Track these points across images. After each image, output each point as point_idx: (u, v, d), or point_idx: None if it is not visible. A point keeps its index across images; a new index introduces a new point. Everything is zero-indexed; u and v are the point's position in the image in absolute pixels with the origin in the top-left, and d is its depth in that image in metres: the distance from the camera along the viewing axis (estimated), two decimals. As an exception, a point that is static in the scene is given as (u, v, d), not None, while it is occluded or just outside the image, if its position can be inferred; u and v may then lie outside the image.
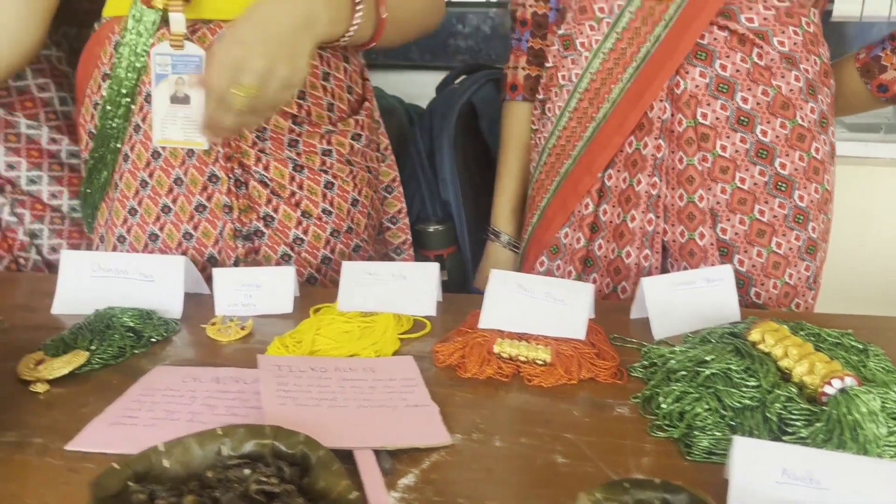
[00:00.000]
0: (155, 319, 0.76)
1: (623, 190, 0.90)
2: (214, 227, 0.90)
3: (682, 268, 0.89)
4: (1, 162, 0.98)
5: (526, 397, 0.64)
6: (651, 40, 0.86)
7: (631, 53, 0.87)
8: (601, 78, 0.90)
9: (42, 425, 0.61)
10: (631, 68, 0.87)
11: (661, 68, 0.85)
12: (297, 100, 0.89)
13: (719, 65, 0.85)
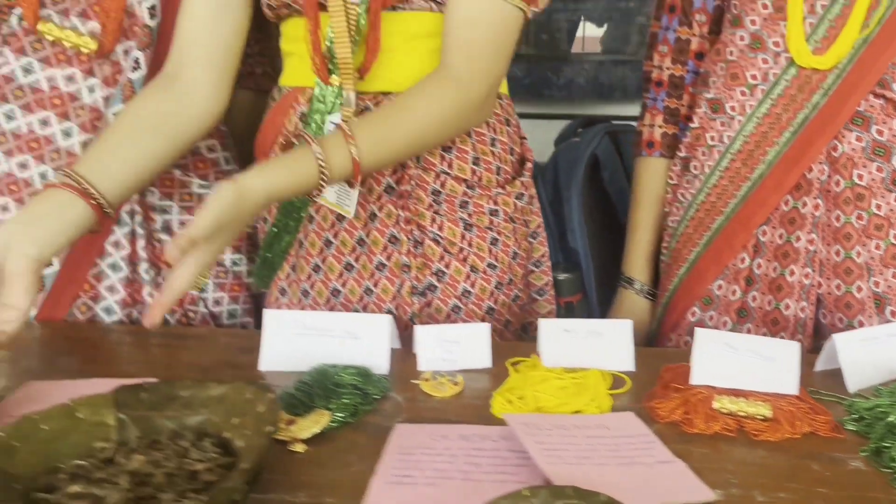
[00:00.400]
0: (373, 377, 0.81)
1: (780, 245, 0.96)
2: (393, 284, 0.95)
3: (836, 320, 0.95)
4: (175, 220, 1.03)
5: (760, 452, 0.69)
6: (808, 107, 0.92)
7: (787, 119, 0.94)
8: (755, 140, 0.96)
9: (313, 483, 0.65)
10: (787, 133, 0.94)
11: (821, 134, 0.91)
12: (472, 165, 0.95)
13: (875, 130, 0.92)
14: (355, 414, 0.75)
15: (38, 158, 0.97)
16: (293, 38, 0.95)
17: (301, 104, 0.95)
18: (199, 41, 0.92)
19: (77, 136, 0.96)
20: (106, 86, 0.96)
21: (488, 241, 0.97)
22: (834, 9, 0.91)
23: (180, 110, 0.91)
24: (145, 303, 1.02)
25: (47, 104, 0.96)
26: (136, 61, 0.96)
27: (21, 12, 0.93)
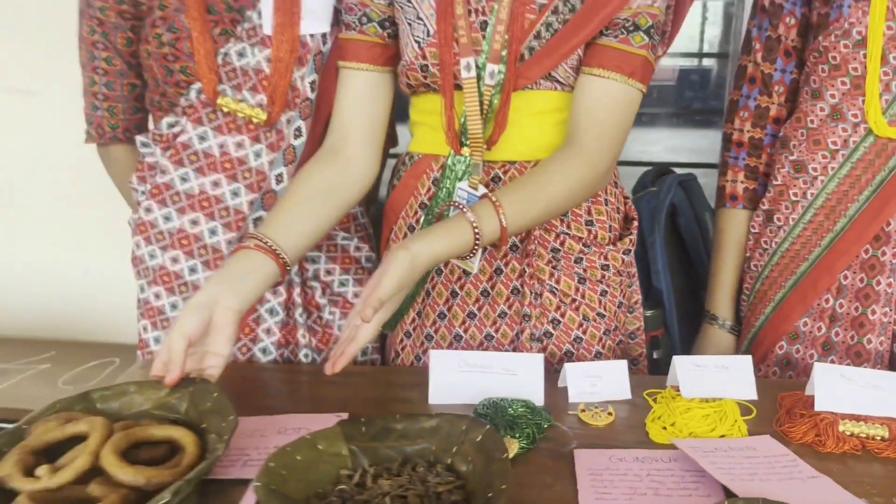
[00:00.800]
0: (537, 408, 0.93)
1: (860, 288, 1.11)
2: (512, 331, 1.08)
3: (913, 351, 1.10)
4: (322, 268, 1.15)
5: (887, 467, 0.83)
6: (885, 170, 1.08)
7: (866, 180, 1.09)
8: (836, 198, 1.11)
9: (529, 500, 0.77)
10: (867, 191, 1.09)
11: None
12: (587, 226, 1.07)
13: None
14: (534, 441, 0.88)
15: (209, 216, 1.08)
16: (425, 111, 1.08)
17: (434, 170, 1.07)
18: (356, 121, 1.04)
19: (244, 196, 1.08)
20: (271, 151, 1.08)
21: (598, 292, 1.10)
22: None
23: (344, 181, 1.03)
24: (299, 343, 1.13)
25: (218, 167, 1.07)
26: (298, 129, 1.08)
27: (200, 87, 1.05)
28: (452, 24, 0.99)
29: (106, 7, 1.05)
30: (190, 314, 0.84)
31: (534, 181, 0.97)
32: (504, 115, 1.02)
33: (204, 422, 0.85)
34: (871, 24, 1.07)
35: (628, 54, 0.98)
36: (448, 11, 0.99)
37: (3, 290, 2.02)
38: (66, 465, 0.76)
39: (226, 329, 0.85)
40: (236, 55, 1.05)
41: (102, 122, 1.14)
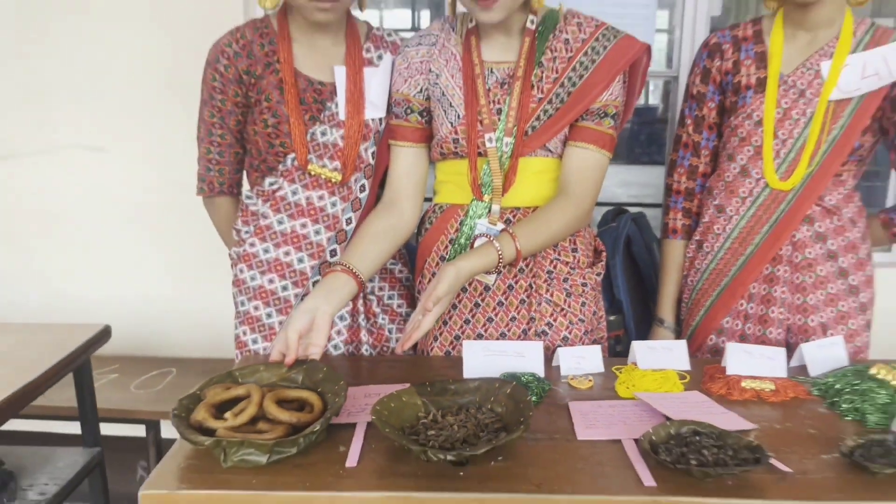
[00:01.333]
0: (541, 378, 1.34)
1: (764, 295, 1.55)
2: (519, 330, 1.48)
3: (800, 340, 1.54)
4: (377, 286, 1.55)
5: (771, 408, 1.26)
6: (778, 212, 1.53)
7: (766, 218, 1.54)
8: (746, 231, 1.56)
9: (546, 429, 1.18)
10: (766, 226, 1.53)
11: (786, 228, 1.52)
12: (573, 253, 1.49)
13: (817, 225, 1.52)
14: (541, 398, 1.29)
15: (298, 248, 1.49)
16: (451, 172, 1.48)
17: (459, 215, 1.48)
18: (405, 183, 1.46)
19: (323, 234, 1.49)
20: (343, 201, 1.49)
21: (580, 304, 1.52)
22: (791, 154, 1.52)
23: (398, 225, 1.44)
24: (361, 341, 1.53)
25: (305, 213, 1.48)
26: (363, 186, 1.50)
27: (294, 156, 1.46)
28: (477, 111, 1.42)
29: (226, 99, 1.46)
30: (299, 316, 1.24)
31: (540, 219, 1.39)
32: (513, 174, 1.44)
33: (319, 387, 1.25)
34: (766, 110, 1.52)
35: (601, 133, 1.43)
36: (473, 102, 1.42)
37: (69, 314, 2.37)
38: (241, 412, 1.15)
39: (324, 327, 1.25)
40: (320, 134, 1.47)
41: (213, 181, 1.53)
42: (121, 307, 2.31)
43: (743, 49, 1.57)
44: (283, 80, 1.44)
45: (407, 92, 1.46)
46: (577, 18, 1.44)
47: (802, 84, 1.50)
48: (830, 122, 1.49)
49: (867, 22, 1.52)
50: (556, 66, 1.41)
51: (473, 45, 1.43)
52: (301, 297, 1.49)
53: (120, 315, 2.31)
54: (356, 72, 1.48)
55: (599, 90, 1.40)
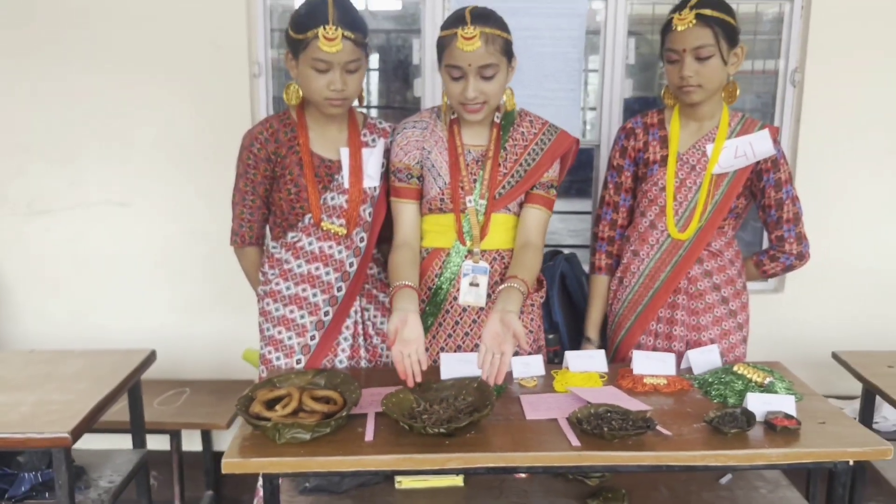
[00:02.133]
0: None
1: (669, 318, 2.04)
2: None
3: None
4: (372, 315, 1.99)
5: (664, 397, 1.75)
6: (677, 256, 2.01)
7: (669, 260, 2.02)
8: (655, 269, 2.03)
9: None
10: (669, 266, 2.02)
11: (683, 268, 2.01)
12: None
13: (706, 264, 2.02)
14: (500, 393, 1.75)
15: (313, 286, 1.93)
16: (436, 223, 1.93)
17: (442, 257, 1.95)
18: (412, 230, 1.92)
19: (332, 275, 1.93)
20: (347, 250, 1.94)
21: (530, 319, 2.00)
22: (686, 213, 2.01)
23: (416, 258, 1.90)
24: (361, 358, 1.97)
25: (319, 259, 1.92)
26: (362, 238, 1.95)
27: (311, 216, 1.90)
28: (459, 179, 1.89)
29: (257, 173, 1.90)
30: (395, 317, 1.67)
31: (525, 262, 1.85)
32: (487, 226, 1.91)
33: (339, 388, 1.68)
34: (668, 180, 2.01)
35: (548, 198, 1.94)
36: (457, 173, 1.89)
37: (99, 342, 2.73)
38: (287, 405, 1.57)
39: (415, 321, 1.68)
40: (330, 199, 1.92)
41: (244, 234, 1.96)
42: (142, 337, 2.66)
43: (650, 133, 2.07)
44: (302, 159, 1.90)
45: (408, 162, 1.92)
46: (528, 117, 1.96)
47: (693, 161, 2.01)
48: (714, 189, 1.99)
49: (739, 114, 2.05)
50: (516, 151, 1.92)
51: (456, 131, 1.92)
52: (314, 323, 1.93)
53: (140, 343, 2.67)
54: (357, 151, 1.94)
55: (545, 169, 1.92)
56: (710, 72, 1.89)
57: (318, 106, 1.85)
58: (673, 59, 1.92)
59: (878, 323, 2.68)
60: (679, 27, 1.87)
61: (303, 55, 1.80)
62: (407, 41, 3.24)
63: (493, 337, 1.66)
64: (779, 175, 1.97)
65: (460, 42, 1.75)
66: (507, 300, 1.72)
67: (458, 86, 1.80)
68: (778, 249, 2.03)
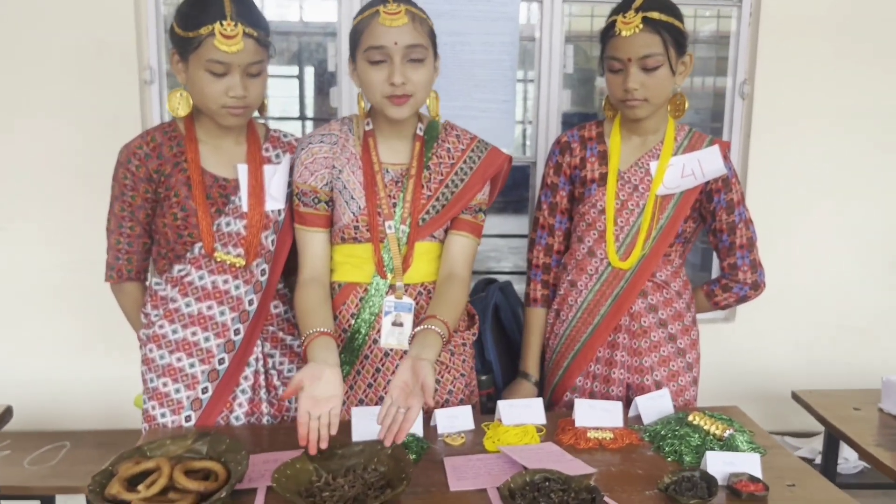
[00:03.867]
0: (420, 437, 1.51)
1: (608, 358, 1.79)
2: None
3: (637, 396, 1.78)
4: (278, 361, 1.68)
5: (611, 453, 1.49)
6: (618, 288, 1.76)
7: (609, 293, 1.77)
8: (594, 303, 1.78)
9: (422, 482, 1.35)
10: (609, 300, 1.77)
11: (625, 302, 1.76)
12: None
13: (650, 298, 1.77)
14: (419, 456, 1.46)
15: (204, 328, 1.60)
16: (350, 255, 1.63)
17: (359, 293, 1.64)
18: (321, 263, 1.61)
19: (228, 315, 1.61)
20: (245, 284, 1.62)
21: (461, 360, 1.72)
22: (628, 239, 1.76)
23: (327, 296, 1.60)
24: (262, 412, 1.65)
25: (212, 296, 1.60)
26: (263, 270, 1.64)
27: (201, 245, 1.58)
28: (377, 203, 1.60)
29: (136, 195, 1.58)
30: (310, 372, 1.37)
31: (449, 299, 1.56)
32: (410, 256, 1.62)
33: (223, 457, 1.36)
34: (607, 201, 1.76)
35: (476, 224, 1.66)
36: (373, 195, 1.59)
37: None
38: (153, 483, 1.25)
39: (333, 377, 1.39)
40: (224, 224, 1.60)
41: (122, 268, 1.63)
42: (14, 383, 2.30)
43: (588, 148, 1.82)
44: (191, 177, 1.58)
45: (315, 184, 1.61)
46: (455, 130, 1.68)
47: (636, 180, 1.76)
48: (658, 212, 1.75)
49: (686, 128, 1.81)
50: (442, 170, 1.64)
51: (371, 146, 1.62)
52: (206, 373, 1.61)
53: (13, 390, 2.30)
54: (257, 168, 1.63)
55: (475, 192, 1.64)
56: (658, 84, 1.65)
57: (213, 115, 1.55)
58: (616, 69, 1.67)
59: (833, 352, 2.50)
60: (624, 32, 1.62)
61: (194, 56, 1.49)
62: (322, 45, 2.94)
63: (401, 388, 1.37)
64: (731, 196, 1.74)
65: (383, 18, 1.49)
66: (422, 345, 1.43)
67: (380, 72, 1.52)
68: (731, 278, 1.79)
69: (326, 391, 1.36)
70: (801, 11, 2.35)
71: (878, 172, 2.53)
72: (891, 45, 2.44)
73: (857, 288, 2.56)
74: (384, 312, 1.63)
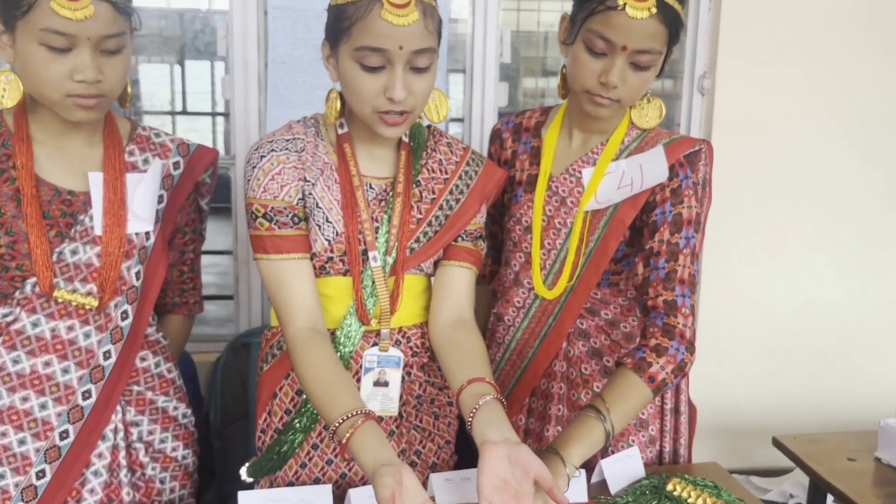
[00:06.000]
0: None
1: (541, 412, 1.43)
2: None
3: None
4: (146, 430, 1.28)
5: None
6: (547, 326, 1.40)
7: (538, 331, 1.41)
8: (523, 342, 1.43)
9: None
10: (538, 340, 1.41)
11: (554, 342, 1.39)
12: (439, 369, 1.28)
13: (592, 340, 1.42)
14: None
15: (39, 392, 1.18)
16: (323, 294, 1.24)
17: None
18: (314, 303, 1.19)
19: (74, 373, 1.19)
20: (99, 332, 1.21)
21: (447, 424, 1.34)
22: (556, 265, 1.41)
23: (335, 355, 1.18)
24: (123, 501, 1.24)
25: (50, 349, 1.18)
26: (125, 312, 1.23)
27: (35, 281, 1.16)
28: (359, 225, 1.21)
29: (-58, 215, 1.14)
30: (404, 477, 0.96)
31: (477, 354, 1.22)
32: (398, 294, 1.24)
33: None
34: (534, 216, 1.41)
35: (478, 253, 1.32)
36: (354, 216, 1.21)
37: None
38: None
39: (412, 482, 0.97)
40: (70, 253, 1.18)
41: (-75, 312, 1.19)
42: None
43: (522, 141, 1.47)
44: (21, 189, 1.16)
45: (288, 200, 1.20)
46: (445, 137, 1.32)
47: (564, 191, 1.41)
48: (588, 233, 1.39)
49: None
50: (433, 188, 1.27)
51: (349, 154, 1.23)
52: (43, 452, 1.18)
53: None
54: (116, 178, 1.22)
55: (472, 214, 1.29)
56: (641, 85, 1.29)
57: (53, 107, 1.13)
58: (599, 50, 1.26)
59: (804, 383, 2.28)
60: (631, 11, 1.21)
61: (23, 24, 1.08)
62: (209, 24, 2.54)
63: (502, 490, 1.00)
64: (680, 209, 1.32)
65: (388, 11, 1.09)
66: (499, 423, 1.07)
67: (375, 81, 1.12)
68: (664, 328, 1.26)
69: (417, 499, 0.96)
70: (766, 1, 2.11)
71: (855, 178, 2.31)
72: (870, 35, 2.23)
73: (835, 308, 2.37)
74: (363, 370, 1.24)
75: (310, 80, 2.05)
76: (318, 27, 1.22)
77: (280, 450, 1.24)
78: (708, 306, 2.28)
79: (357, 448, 1.02)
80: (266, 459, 1.25)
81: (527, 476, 1.01)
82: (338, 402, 1.08)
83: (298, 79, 2.06)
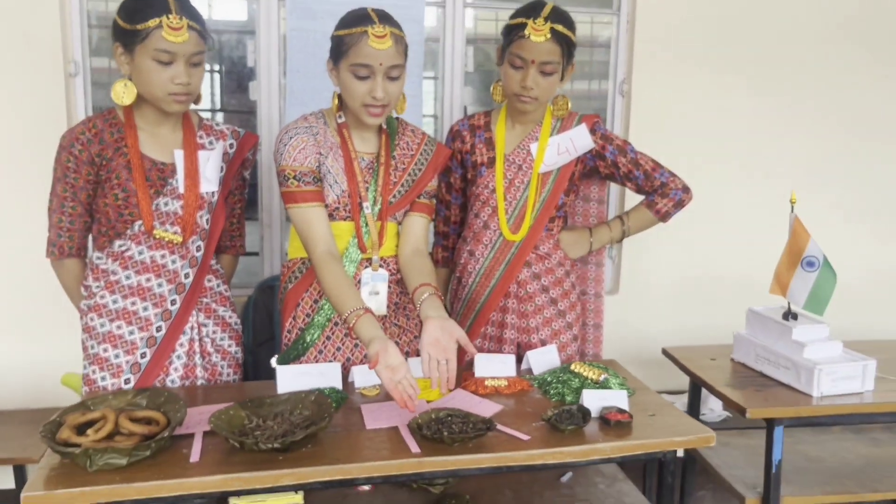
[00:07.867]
0: (339, 390, 1.68)
1: (500, 321, 1.99)
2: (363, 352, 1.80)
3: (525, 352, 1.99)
4: (212, 330, 1.81)
5: (506, 398, 1.69)
6: (509, 256, 1.97)
7: (502, 259, 1.97)
8: (488, 270, 1.98)
9: (356, 425, 1.52)
10: (501, 268, 1.97)
11: (514, 269, 1.96)
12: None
13: (534, 268, 1.98)
14: (340, 404, 1.62)
15: (143, 299, 1.72)
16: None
17: None
18: (329, 236, 1.72)
19: (165, 287, 1.73)
20: (182, 259, 1.74)
21: (414, 324, 1.88)
22: (517, 213, 1.97)
23: (346, 271, 1.72)
24: (197, 377, 1.78)
25: (150, 269, 1.72)
26: (199, 246, 1.77)
27: (141, 223, 1.70)
28: (356, 186, 1.76)
29: (79, 177, 1.67)
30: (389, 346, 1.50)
31: (427, 269, 1.76)
32: (383, 233, 1.80)
33: (162, 408, 1.49)
34: (497, 181, 1.97)
35: (431, 206, 1.88)
36: (353, 179, 1.76)
37: None
38: (101, 428, 1.37)
39: (395, 348, 1.51)
40: (163, 204, 1.72)
41: (63, 245, 1.72)
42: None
43: (477, 135, 2.02)
44: (131, 161, 1.69)
45: (311, 166, 1.74)
46: (409, 127, 1.89)
47: (519, 161, 1.97)
48: (540, 188, 1.97)
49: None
50: (404, 161, 1.83)
51: (347, 136, 1.78)
52: (145, 340, 1.72)
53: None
54: (192, 153, 1.75)
55: (429, 179, 1.85)
56: (550, 86, 1.87)
57: (158, 102, 1.65)
58: (517, 65, 1.85)
59: (700, 321, 2.78)
60: (533, 37, 1.82)
61: (141, 47, 1.60)
62: (241, 42, 3.05)
63: (434, 344, 1.57)
64: (616, 143, 1.97)
65: (372, 40, 1.64)
66: (436, 308, 1.64)
67: (363, 86, 1.67)
68: (664, 190, 1.97)
69: (395, 360, 1.50)
70: (672, 20, 2.62)
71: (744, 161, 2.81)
72: (754, 51, 2.71)
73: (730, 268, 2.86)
74: (361, 283, 1.79)
75: (318, 85, 2.46)
76: (326, 44, 1.76)
77: (305, 340, 1.78)
78: (628, 282, 2.79)
79: (359, 329, 1.57)
80: (293, 349, 1.80)
81: (451, 337, 1.57)
82: (348, 301, 1.62)
83: (310, 84, 2.51)
